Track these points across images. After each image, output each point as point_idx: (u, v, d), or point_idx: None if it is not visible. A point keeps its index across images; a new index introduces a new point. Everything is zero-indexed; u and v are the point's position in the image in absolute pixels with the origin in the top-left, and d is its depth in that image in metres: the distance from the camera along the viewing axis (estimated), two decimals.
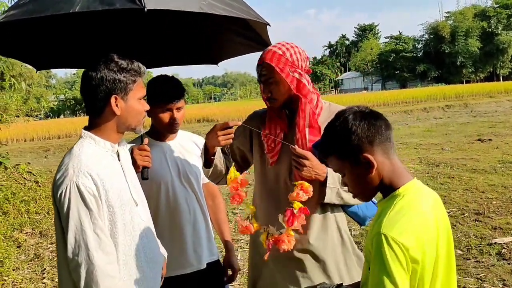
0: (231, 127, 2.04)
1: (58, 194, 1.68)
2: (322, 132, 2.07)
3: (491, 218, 5.87)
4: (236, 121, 2.07)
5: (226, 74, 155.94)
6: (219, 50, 3.13)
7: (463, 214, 6.15)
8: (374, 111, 1.51)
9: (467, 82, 60.65)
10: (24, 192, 7.85)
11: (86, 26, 2.56)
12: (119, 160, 1.89)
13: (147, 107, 1.92)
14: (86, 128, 1.85)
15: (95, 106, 1.81)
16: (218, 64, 3.21)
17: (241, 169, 2.34)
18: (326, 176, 2.03)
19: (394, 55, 70.25)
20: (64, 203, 1.66)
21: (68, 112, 68.95)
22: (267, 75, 2.05)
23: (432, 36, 67.37)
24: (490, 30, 63.33)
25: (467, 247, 5.01)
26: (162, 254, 2.09)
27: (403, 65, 69.04)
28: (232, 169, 2.09)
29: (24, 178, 9.00)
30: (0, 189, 7.59)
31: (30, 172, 9.48)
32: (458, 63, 63.37)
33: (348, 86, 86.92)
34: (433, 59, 66.61)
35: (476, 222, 5.79)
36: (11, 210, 6.91)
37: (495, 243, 5.02)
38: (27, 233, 6.41)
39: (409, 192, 1.43)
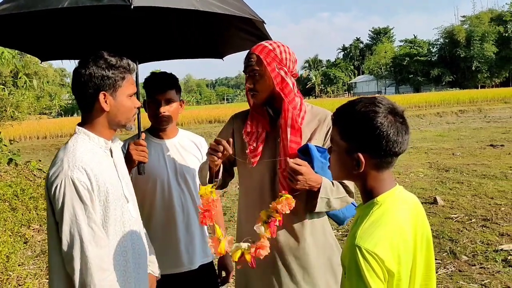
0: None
1: (53, 189, 1.69)
2: (303, 134, 2.06)
3: (499, 225, 5.79)
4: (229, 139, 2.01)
5: (239, 75, 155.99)
6: (224, 45, 3.14)
7: (470, 219, 6.07)
8: (405, 119, 1.41)
9: (482, 87, 59.91)
10: (33, 189, 7.93)
11: (92, 19, 2.60)
12: (112, 156, 1.90)
13: (138, 104, 1.93)
14: (80, 124, 1.86)
15: (85, 103, 1.83)
16: (224, 58, 3.22)
17: (227, 172, 2.31)
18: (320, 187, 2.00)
19: (408, 59, 69.66)
20: (59, 198, 1.68)
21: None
22: (253, 66, 2.03)
23: (447, 40, 66.68)
24: (506, 34, 62.51)
25: (472, 253, 4.95)
26: (149, 251, 2.10)
27: (417, 69, 68.44)
28: (209, 187, 1.96)
29: (34, 175, 9.11)
30: (10, 185, 7.68)
31: (41, 169, 9.59)
32: (473, 68, 62.63)
33: (362, 89, 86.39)
34: (447, 64, 65.95)
35: (483, 228, 5.72)
36: (20, 206, 6.98)
37: (502, 249, 4.95)
38: (34, 229, 6.48)
39: (387, 200, 1.40)
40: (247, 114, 2.24)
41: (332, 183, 2.04)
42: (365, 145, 1.37)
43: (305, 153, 2.02)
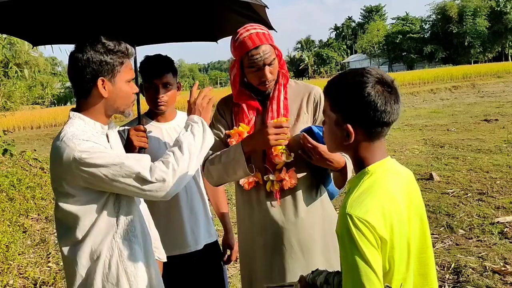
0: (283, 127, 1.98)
1: (78, 171, 1.62)
2: (289, 110, 2.09)
3: (495, 198, 5.85)
4: (288, 123, 2.01)
5: (231, 58, 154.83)
6: (218, 28, 3.09)
7: (466, 194, 6.12)
8: (397, 90, 1.40)
9: (475, 62, 59.95)
10: (29, 179, 7.90)
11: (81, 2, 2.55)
12: (108, 142, 1.85)
13: (136, 89, 1.88)
14: (74, 110, 1.81)
15: (82, 88, 1.77)
16: (218, 41, 3.19)
17: None
18: (344, 166, 1.99)
19: (401, 36, 69.48)
20: (89, 174, 1.62)
21: (75, 99, 69.32)
22: (270, 57, 1.99)
23: (439, 17, 66.47)
24: (498, 9, 62.38)
25: (469, 227, 5.00)
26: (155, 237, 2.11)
27: (410, 46, 68.31)
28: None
29: (30, 164, 9.07)
30: (6, 176, 7.65)
31: (36, 159, 9.55)
32: (466, 43, 62.60)
33: None
34: (440, 40, 65.84)
35: (479, 202, 5.78)
36: (17, 196, 6.97)
37: (498, 222, 5.00)
38: (32, 218, 6.48)
39: (378, 170, 1.39)
40: (230, 100, 2.23)
41: None
42: (354, 116, 1.37)
43: (309, 135, 2.00)
